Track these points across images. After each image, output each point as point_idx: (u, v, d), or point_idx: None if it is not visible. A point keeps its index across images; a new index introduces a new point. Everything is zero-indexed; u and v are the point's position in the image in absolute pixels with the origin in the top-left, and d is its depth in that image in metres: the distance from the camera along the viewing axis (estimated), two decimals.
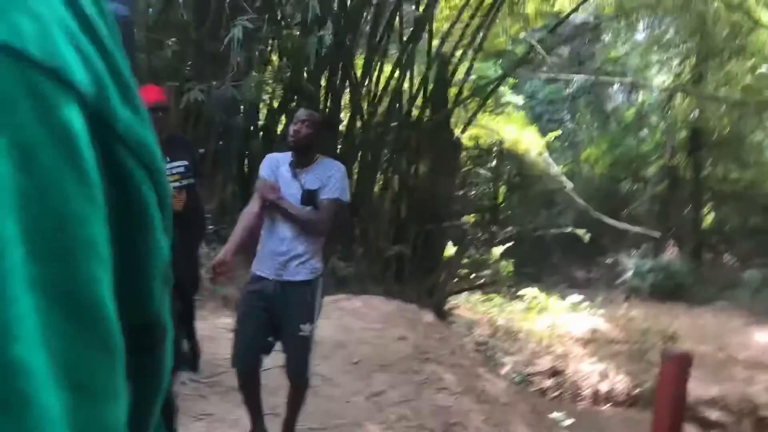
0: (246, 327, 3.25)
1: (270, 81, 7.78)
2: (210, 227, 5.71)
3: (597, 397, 8.82)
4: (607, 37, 15.02)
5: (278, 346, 3.28)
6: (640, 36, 15.14)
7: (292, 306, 3.19)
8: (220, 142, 7.14)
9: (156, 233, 0.32)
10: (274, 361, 3.39)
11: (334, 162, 3.42)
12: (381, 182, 9.35)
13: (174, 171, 3.98)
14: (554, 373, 9.04)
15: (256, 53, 6.88)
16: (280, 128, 7.96)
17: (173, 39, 6.68)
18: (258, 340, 3.22)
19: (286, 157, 3.33)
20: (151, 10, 6.66)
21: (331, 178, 3.24)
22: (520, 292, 12.26)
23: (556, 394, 8.77)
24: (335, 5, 7.76)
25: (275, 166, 3.33)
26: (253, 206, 3.31)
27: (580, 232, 12.66)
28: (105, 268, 0.26)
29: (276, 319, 3.22)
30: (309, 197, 3.21)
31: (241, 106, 7.02)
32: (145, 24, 6.54)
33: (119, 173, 0.29)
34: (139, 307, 0.32)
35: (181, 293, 4.08)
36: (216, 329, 4.61)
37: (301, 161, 3.27)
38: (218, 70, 6.55)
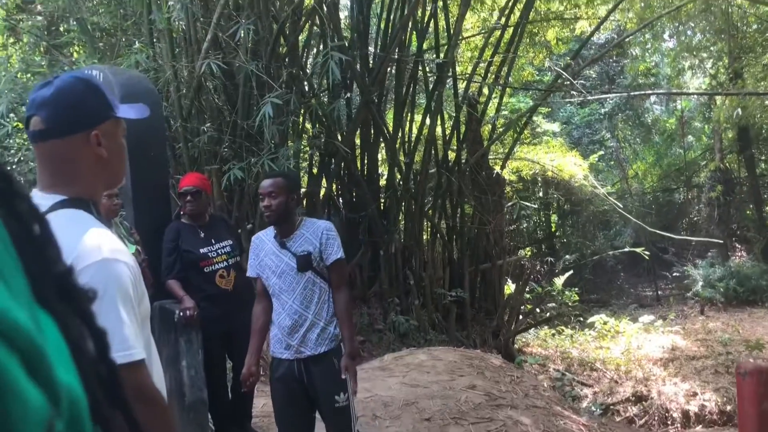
0: (285, 416, 3.23)
1: (306, 148, 7.94)
2: None
3: (687, 419, 8.39)
4: (634, 51, 14.91)
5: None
6: (667, 44, 14.99)
7: (322, 380, 3.13)
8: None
9: (16, 390, 0.29)
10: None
11: (319, 222, 3.31)
12: (428, 229, 9.34)
13: (220, 251, 4.08)
14: (638, 399, 8.66)
15: (290, 125, 7.04)
16: (322, 192, 8.07)
17: (208, 124, 6.90)
18: (301, 424, 3.21)
19: (269, 232, 3.27)
20: (184, 101, 6.92)
21: (329, 240, 3.17)
22: (589, 320, 11.94)
23: (643, 421, 8.39)
24: (358, 66, 7.93)
25: (259, 248, 3.27)
26: (258, 304, 3.30)
27: (639, 249, 12.32)
28: None
29: (309, 394, 3.18)
30: (304, 262, 3.13)
31: None
32: (179, 115, 6.78)
33: None
34: None
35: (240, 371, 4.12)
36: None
37: (285, 230, 3.20)
38: (255, 146, 6.73)
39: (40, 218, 0.42)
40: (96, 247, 1.39)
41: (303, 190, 8.04)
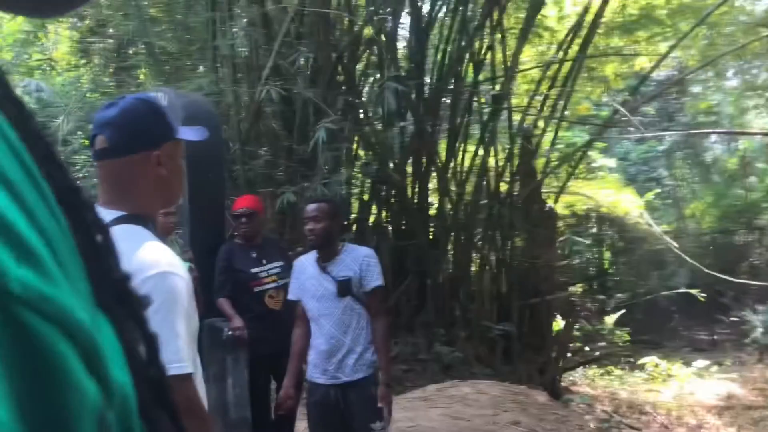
0: None
1: (358, 175, 8.02)
2: None
3: None
4: (695, 89, 14.63)
5: None
6: (731, 82, 14.67)
7: (358, 406, 3.13)
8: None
9: (74, 381, 0.31)
10: None
11: (360, 248, 3.38)
12: (478, 261, 9.27)
13: (270, 272, 4.16)
14: None
15: (343, 151, 7.14)
16: (371, 219, 8.12)
17: (265, 148, 7.06)
18: None
19: (311, 256, 3.31)
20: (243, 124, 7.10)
21: (369, 267, 3.20)
22: (639, 362, 11.59)
23: None
24: (413, 96, 8.01)
25: (300, 272, 3.31)
26: (297, 328, 3.33)
27: (695, 291, 11.93)
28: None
29: (345, 420, 3.17)
30: (344, 287, 3.15)
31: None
32: (238, 138, 6.96)
33: (22, 331, 0.29)
34: None
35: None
36: None
37: (327, 255, 3.23)
38: (308, 171, 6.84)
39: (103, 228, 0.44)
40: (154, 260, 1.45)
41: (353, 216, 8.12)
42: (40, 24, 8.97)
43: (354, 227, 7.85)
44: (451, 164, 8.55)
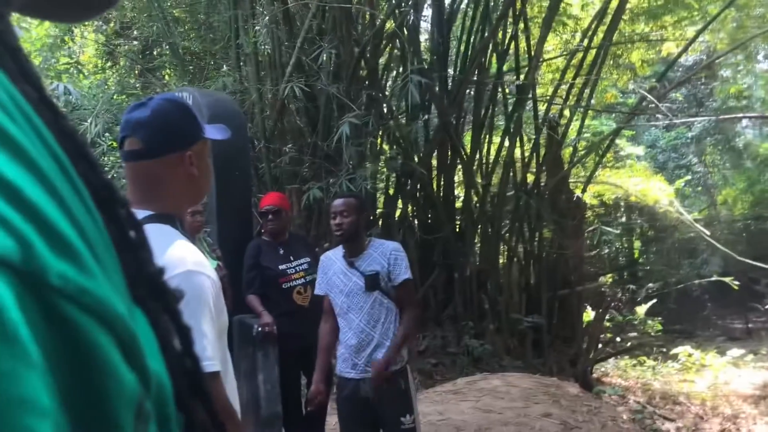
0: None
1: (383, 169, 8.01)
2: None
3: None
4: (725, 73, 14.35)
5: None
6: (762, 65, 14.36)
7: (388, 400, 3.12)
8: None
9: (113, 371, 0.32)
10: None
11: (387, 242, 3.36)
12: (505, 252, 9.21)
13: (298, 268, 4.19)
14: None
15: (368, 146, 7.14)
16: (397, 213, 8.11)
17: (290, 145, 7.09)
18: None
19: (338, 251, 3.31)
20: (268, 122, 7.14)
21: (397, 260, 3.19)
22: (672, 352, 11.43)
23: None
24: (437, 89, 7.97)
25: (327, 267, 3.31)
26: (325, 323, 3.33)
27: (728, 279, 11.72)
28: (46, 417, 0.27)
29: (376, 414, 3.18)
30: (372, 282, 3.15)
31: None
32: (263, 136, 7.00)
33: (63, 322, 0.30)
34: None
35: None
36: None
37: (354, 250, 3.23)
38: (333, 167, 6.86)
39: (136, 224, 0.46)
40: (181, 258, 1.46)
41: (378, 210, 8.12)
42: (67, 28, 9.10)
43: (380, 222, 7.85)
44: (477, 156, 8.50)
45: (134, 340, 0.34)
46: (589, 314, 10.67)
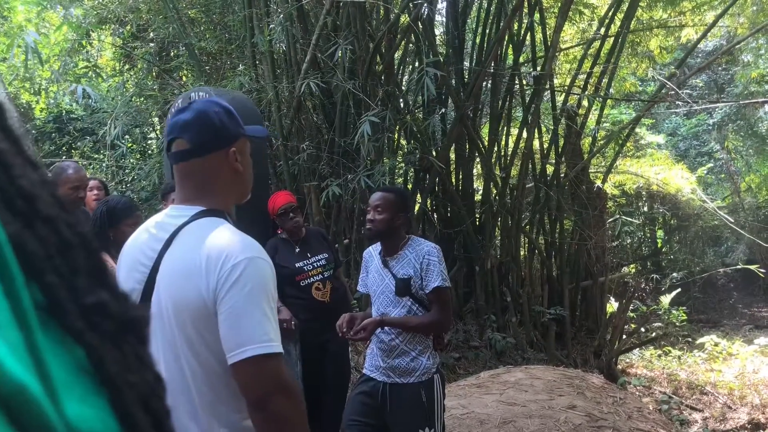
0: (354, 423, 3.06)
1: (401, 164, 7.99)
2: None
3: None
4: (746, 58, 14.12)
5: None
6: None
7: (404, 410, 2.94)
8: (362, 231, 7.37)
9: None
10: None
11: (425, 244, 3.09)
12: (526, 245, 9.16)
13: (315, 265, 4.19)
14: (755, 427, 8.09)
15: (385, 141, 7.12)
16: (416, 208, 8.09)
17: (307, 142, 7.09)
18: None
19: (378, 247, 3.14)
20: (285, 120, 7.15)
21: (429, 266, 2.98)
22: (698, 341, 11.31)
23: None
24: (453, 82, 7.93)
25: (368, 264, 3.16)
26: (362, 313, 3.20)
27: (754, 267, 11.56)
28: None
29: (386, 421, 2.99)
30: (403, 286, 2.97)
31: None
32: (280, 134, 7.01)
33: None
34: None
35: (334, 382, 4.19)
36: None
37: (389, 248, 3.05)
38: (351, 163, 6.86)
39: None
40: (245, 245, 1.55)
41: None
42: (84, 32, 9.18)
43: None
44: (495, 148, 8.45)
45: (26, 394, 0.32)
46: (612, 305, 10.58)
